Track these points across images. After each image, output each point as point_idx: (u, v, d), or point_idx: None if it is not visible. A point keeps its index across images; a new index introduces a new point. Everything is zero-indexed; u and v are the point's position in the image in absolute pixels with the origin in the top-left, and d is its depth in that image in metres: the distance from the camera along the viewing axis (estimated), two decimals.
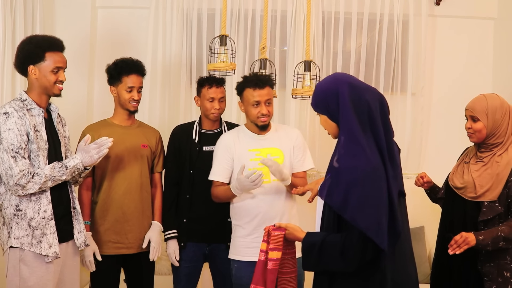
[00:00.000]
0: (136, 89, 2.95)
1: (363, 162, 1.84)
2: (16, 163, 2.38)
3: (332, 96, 1.95)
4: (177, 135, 3.12)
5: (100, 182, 2.93)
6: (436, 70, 4.17)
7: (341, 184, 1.87)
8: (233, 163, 2.83)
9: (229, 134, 2.92)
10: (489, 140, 2.54)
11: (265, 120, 2.80)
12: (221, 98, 3.03)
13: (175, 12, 3.99)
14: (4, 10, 3.24)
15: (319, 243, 1.90)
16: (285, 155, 2.83)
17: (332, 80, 2.02)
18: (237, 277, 2.83)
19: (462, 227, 2.49)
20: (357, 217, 1.82)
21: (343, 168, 1.88)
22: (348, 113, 1.91)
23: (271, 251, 2.00)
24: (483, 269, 2.46)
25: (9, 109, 2.44)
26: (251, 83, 2.78)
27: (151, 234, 2.95)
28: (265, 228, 2.09)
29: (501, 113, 2.52)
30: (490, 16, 4.15)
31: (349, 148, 1.89)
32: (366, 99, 1.93)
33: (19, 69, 2.58)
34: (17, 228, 2.44)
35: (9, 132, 2.40)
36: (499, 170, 2.48)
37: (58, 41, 2.59)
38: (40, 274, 2.46)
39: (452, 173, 2.68)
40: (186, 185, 3.02)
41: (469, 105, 2.61)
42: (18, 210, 2.45)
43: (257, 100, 2.77)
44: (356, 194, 1.83)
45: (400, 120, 4.06)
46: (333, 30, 4.05)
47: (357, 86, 1.97)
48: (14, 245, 2.44)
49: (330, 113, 1.99)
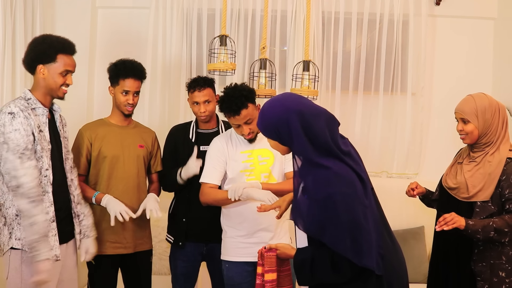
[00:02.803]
0: (131, 93, 2.94)
1: (334, 187, 1.84)
2: (22, 164, 2.36)
3: (283, 126, 1.93)
4: (173, 136, 3.13)
5: (98, 182, 2.93)
6: (436, 70, 4.17)
7: (316, 215, 1.87)
8: (226, 166, 2.85)
9: (221, 137, 2.93)
10: (482, 139, 2.53)
11: (250, 137, 2.80)
12: (206, 101, 3.00)
13: (175, 12, 4.00)
14: (4, 10, 3.25)
15: (310, 259, 1.92)
16: (275, 157, 2.84)
17: (282, 109, 1.95)
18: (228, 277, 2.84)
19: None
20: (337, 244, 1.84)
21: (316, 197, 1.87)
22: (302, 142, 1.90)
23: (266, 273, 2.04)
24: (476, 268, 2.45)
25: (15, 109, 2.40)
26: (225, 110, 2.74)
27: (146, 201, 2.93)
28: (258, 251, 2.11)
29: (491, 112, 2.51)
30: (490, 16, 4.15)
31: (316, 174, 1.88)
32: (317, 127, 1.91)
33: (28, 66, 2.55)
34: (18, 229, 2.42)
35: (15, 133, 2.37)
36: (491, 169, 2.47)
37: (71, 44, 2.58)
38: None
39: (445, 174, 2.67)
40: (186, 186, 3.02)
41: (458, 107, 2.59)
42: (21, 211, 2.42)
43: (237, 124, 2.77)
44: (333, 223, 1.84)
45: (400, 120, 4.07)
46: (333, 30, 4.05)
47: (307, 114, 1.92)
48: (15, 246, 2.42)
49: (282, 140, 1.98)
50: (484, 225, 2.37)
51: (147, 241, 3.04)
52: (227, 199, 2.73)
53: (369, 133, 4.09)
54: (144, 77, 3.01)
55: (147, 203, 2.91)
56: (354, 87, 4.05)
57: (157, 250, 3.73)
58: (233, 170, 2.83)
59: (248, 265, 2.80)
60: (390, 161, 4.09)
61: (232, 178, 2.83)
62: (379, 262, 1.87)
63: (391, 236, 2.05)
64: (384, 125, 4.08)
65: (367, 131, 4.09)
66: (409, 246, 3.72)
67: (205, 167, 2.88)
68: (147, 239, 3.04)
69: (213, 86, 3.05)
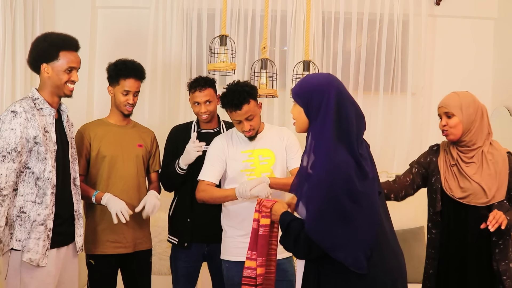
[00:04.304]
0: (132, 93, 2.94)
1: (329, 175, 1.87)
2: (2, 163, 2.33)
3: (319, 94, 1.95)
4: (174, 136, 3.12)
5: (97, 182, 2.92)
6: (436, 70, 4.18)
7: (304, 192, 1.94)
8: (225, 165, 2.85)
9: (222, 137, 2.93)
10: (466, 137, 2.52)
11: (250, 134, 2.81)
12: (207, 101, 3.00)
13: (175, 12, 4.00)
14: (4, 10, 3.24)
15: (286, 223, 2.02)
16: (276, 156, 2.84)
17: (325, 80, 1.99)
18: (228, 277, 2.84)
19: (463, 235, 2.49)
20: (310, 224, 1.90)
21: (311, 177, 1.92)
22: (328, 118, 1.91)
23: (262, 218, 2.23)
24: (500, 268, 2.45)
25: (19, 109, 2.38)
26: (226, 105, 2.76)
27: (146, 197, 2.93)
28: (258, 199, 2.30)
29: (474, 108, 2.51)
30: (490, 16, 4.16)
31: (319, 155, 1.91)
32: (348, 112, 1.94)
33: (32, 66, 2.53)
34: (19, 230, 2.40)
35: (10, 132, 2.35)
36: (498, 168, 2.47)
37: (73, 40, 2.55)
38: (41, 278, 2.43)
39: (444, 181, 2.58)
40: (188, 185, 3.02)
41: (442, 102, 2.60)
42: (22, 212, 2.41)
43: (237, 119, 2.78)
44: (314, 205, 1.89)
45: (400, 120, 4.07)
46: (333, 30, 4.05)
47: (345, 96, 1.97)
48: (16, 247, 2.40)
49: (309, 110, 1.98)
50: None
51: (147, 241, 3.04)
52: (224, 197, 2.77)
53: (369, 133, 4.08)
54: (144, 77, 3.01)
55: (148, 199, 2.91)
56: (354, 87, 4.05)
57: (157, 250, 3.73)
58: (234, 170, 2.83)
59: None
60: (390, 161, 4.09)
61: (232, 178, 2.84)
62: (359, 260, 1.86)
63: (395, 242, 2.04)
64: (384, 125, 4.09)
65: (367, 131, 4.00)
66: (409, 246, 3.72)
67: (204, 166, 2.88)
68: (146, 239, 3.04)
69: (214, 86, 3.05)
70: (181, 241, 3.02)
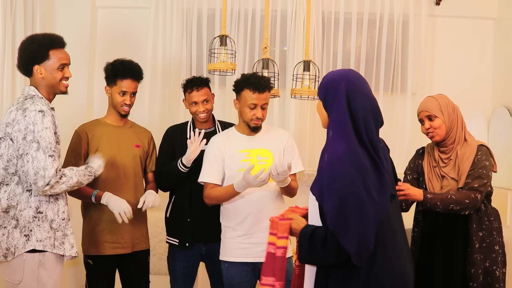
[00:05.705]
0: (129, 94, 2.93)
1: (342, 166, 1.87)
2: (53, 163, 2.34)
3: (333, 86, 1.99)
4: (170, 136, 3.11)
5: (94, 182, 2.91)
6: (436, 70, 4.18)
7: (319, 182, 1.93)
8: (224, 164, 2.85)
9: (219, 136, 2.93)
10: (449, 136, 2.65)
11: (257, 123, 2.83)
12: (205, 100, 3.00)
13: (175, 12, 4.00)
14: (4, 10, 3.25)
15: (310, 233, 1.95)
16: (274, 157, 2.85)
17: (341, 73, 2.05)
18: (227, 277, 2.84)
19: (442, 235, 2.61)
20: (327, 215, 1.89)
21: (324, 168, 1.92)
22: (340, 110, 1.94)
23: (279, 239, 2.10)
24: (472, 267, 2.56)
25: (44, 107, 2.39)
26: (252, 85, 2.78)
27: (145, 195, 2.93)
28: (271, 219, 2.16)
29: (452, 108, 2.68)
30: (490, 16, 4.16)
31: (333, 145, 1.92)
32: (360, 103, 1.96)
33: (23, 70, 2.53)
34: (39, 230, 2.39)
35: (46, 131, 2.35)
36: (464, 158, 2.60)
37: (59, 38, 2.57)
38: (56, 276, 2.45)
39: (428, 181, 2.71)
40: (186, 186, 3.02)
41: (421, 107, 2.73)
42: (39, 213, 2.40)
43: (255, 103, 2.79)
44: (330, 195, 1.88)
45: (400, 120, 4.07)
46: (333, 30, 4.05)
47: (356, 87, 1.98)
48: (37, 248, 2.38)
49: (326, 102, 2.02)
50: (442, 198, 2.51)
51: (145, 241, 3.04)
52: (225, 192, 2.78)
53: None
54: (141, 78, 3.01)
55: (147, 195, 2.92)
56: None
57: (157, 250, 3.73)
58: (231, 169, 2.83)
59: (247, 265, 2.81)
60: None
61: (230, 177, 2.83)
62: (361, 253, 1.85)
63: (405, 248, 2.04)
64: (384, 125, 4.05)
65: None
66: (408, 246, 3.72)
67: (203, 167, 2.88)
68: (144, 239, 3.03)
69: (209, 85, 3.06)
70: (182, 242, 3.02)
